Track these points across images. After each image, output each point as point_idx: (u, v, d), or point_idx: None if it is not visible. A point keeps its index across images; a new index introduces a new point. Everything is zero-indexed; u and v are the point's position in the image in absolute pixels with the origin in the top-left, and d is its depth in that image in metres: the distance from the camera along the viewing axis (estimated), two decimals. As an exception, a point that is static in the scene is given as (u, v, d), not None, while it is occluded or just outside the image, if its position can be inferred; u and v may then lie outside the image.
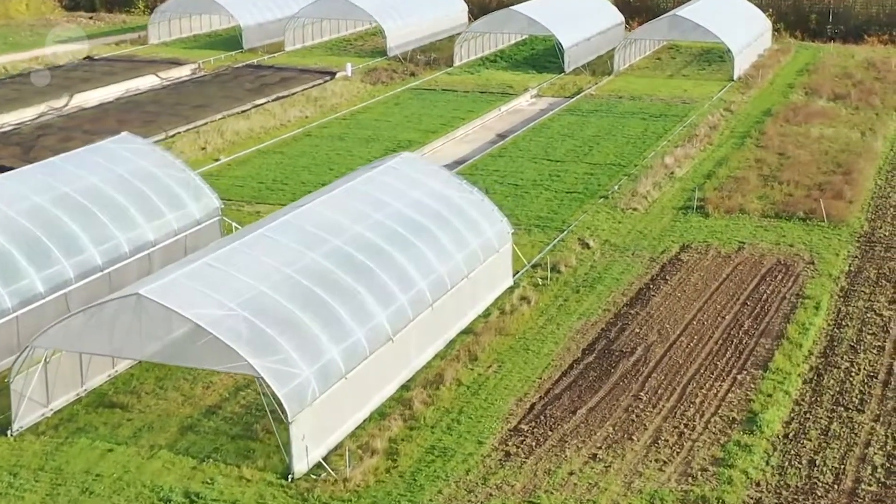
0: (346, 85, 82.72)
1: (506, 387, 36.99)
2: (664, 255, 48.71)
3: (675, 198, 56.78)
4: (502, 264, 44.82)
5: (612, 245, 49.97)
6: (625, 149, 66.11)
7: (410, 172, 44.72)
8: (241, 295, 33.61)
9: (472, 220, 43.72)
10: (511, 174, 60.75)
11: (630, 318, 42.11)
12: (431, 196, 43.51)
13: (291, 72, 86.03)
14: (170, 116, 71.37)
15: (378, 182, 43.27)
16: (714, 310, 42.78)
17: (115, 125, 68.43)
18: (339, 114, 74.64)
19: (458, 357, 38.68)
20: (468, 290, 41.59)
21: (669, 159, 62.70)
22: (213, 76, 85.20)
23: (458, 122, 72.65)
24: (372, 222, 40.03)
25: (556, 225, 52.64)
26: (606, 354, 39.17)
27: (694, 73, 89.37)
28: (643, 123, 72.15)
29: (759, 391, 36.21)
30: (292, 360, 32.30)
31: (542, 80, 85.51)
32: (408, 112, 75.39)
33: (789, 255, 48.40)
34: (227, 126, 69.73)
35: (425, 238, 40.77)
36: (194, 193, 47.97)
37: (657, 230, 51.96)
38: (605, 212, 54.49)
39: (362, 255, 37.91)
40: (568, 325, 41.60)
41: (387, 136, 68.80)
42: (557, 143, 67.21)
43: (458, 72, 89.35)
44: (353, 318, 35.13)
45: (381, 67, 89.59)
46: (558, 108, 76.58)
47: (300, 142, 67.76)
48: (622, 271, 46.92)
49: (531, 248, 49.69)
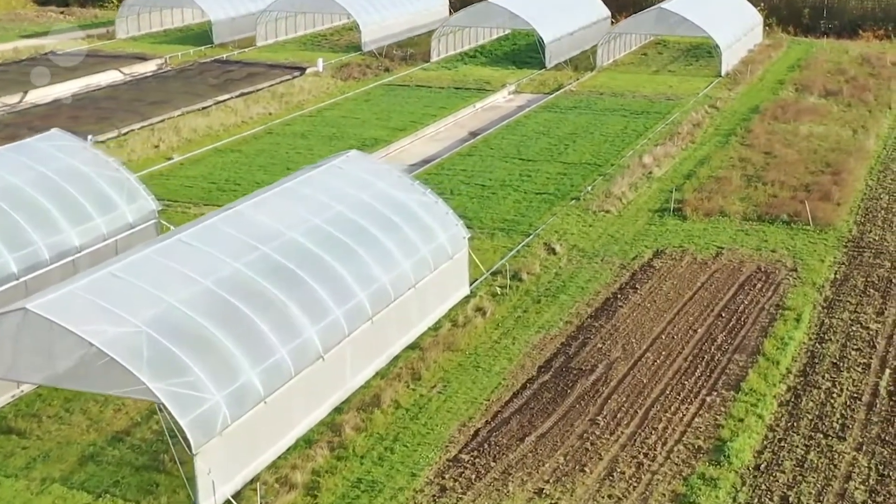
0: (316, 81, 79.21)
1: (449, 410, 33.39)
2: (635, 262, 45.14)
3: (652, 199, 53.20)
4: (457, 272, 41.23)
5: (581, 250, 46.39)
6: (602, 147, 62.54)
7: (357, 172, 41.12)
8: (146, 309, 30.01)
9: (424, 224, 40.13)
10: (479, 174, 57.19)
11: (593, 331, 38.53)
12: (379, 198, 39.91)
13: (259, 67, 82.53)
14: (126, 113, 67.86)
15: (319, 183, 39.67)
16: (685, 322, 39.19)
17: (67, 122, 65.12)
18: (305, 111, 71.14)
19: (399, 376, 35.12)
20: (416, 300, 38.01)
21: (648, 158, 59.16)
22: (178, 72, 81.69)
23: (429, 119, 69.10)
24: (308, 227, 36.44)
25: (522, 229, 49.07)
26: (564, 373, 35.58)
27: (680, 69, 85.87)
28: (623, 121, 68.60)
29: (730, 415, 32.63)
30: (200, 383, 28.71)
31: (522, 76, 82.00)
32: (377, 109, 71.85)
33: (770, 262, 44.83)
34: (185, 123, 66.25)
35: (368, 244, 37.18)
36: (128, 195, 44.38)
37: (630, 234, 48.38)
38: (576, 214, 50.92)
39: (294, 263, 34.31)
40: (524, 340, 38.02)
41: (352, 134, 65.26)
42: (531, 141, 63.65)
43: (434, 67, 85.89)
44: (277, 334, 31.53)
45: (354, 63, 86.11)
46: (535, 105, 73.07)
47: (260, 140, 64.22)
48: (589, 279, 43.34)
49: (493, 253, 46.13)
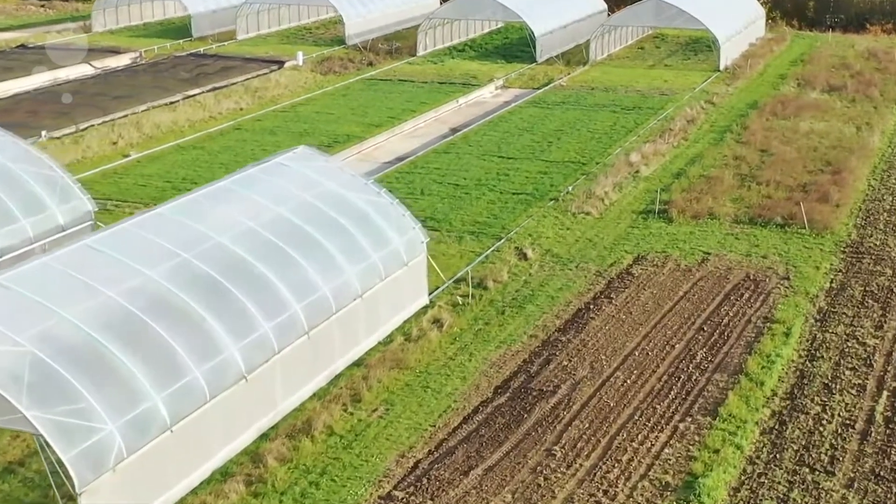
0: (294, 75, 75.56)
1: (388, 437, 29.65)
2: (613, 268, 41.36)
3: (637, 200, 49.42)
4: (414, 280, 37.53)
5: (555, 256, 42.62)
6: (588, 145, 58.78)
7: (303, 171, 37.42)
8: (34, 325, 26.35)
9: (375, 227, 36.44)
10: (453, 172, 53.46)
11: (560, 346, 34.78)
12: (325, 199, 36.22)
13: (236, 61, 78.98)
14: (87, 108, 64.33)
15: (258, 182, 35.98)
16: (663, 337, 35.41)
17: (24, 117, 61.93)
18: (278, 106, 67.51)
19: (338, 397, 31.40)
20: (363, 312, 34.30)
21: (636, 156, 55.39)
22: (150, 66, 78.09)
23: (408, 115, 65.43)
24: (239, 231, 32.73)
25: (493, 231, 45.33)
26: (522, 394, 31.82)
27: (677, 63, 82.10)
28: (613, 117, 64.81)
29: (705, 445, 28.84)
30: (91, 411, 25.03)
31: (511, 71, 78.27)
32: (354, 104, 68.18)
33: (760, 269, 41.02)
34: (149, 119, 62.68)
35: (308, 250, 33.51)
36: (61, 195, 40.84)
37: (610, 238, 44.60)
38: (554, 216, 47.16)
39: (218, 272, 30.61)
40: (482, 356, 34.27)
41: (324, 130, 61.60)
42: (513, 138, 59.89)
43: (420, 61, 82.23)
44: (190, 352, 27.85)
45: (336, 57, 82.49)
46: (522, 101, 69.25)
47: (226, 136, 60.58)
48: (560, 288, 39.57)
49: (459, 258, 42.40)
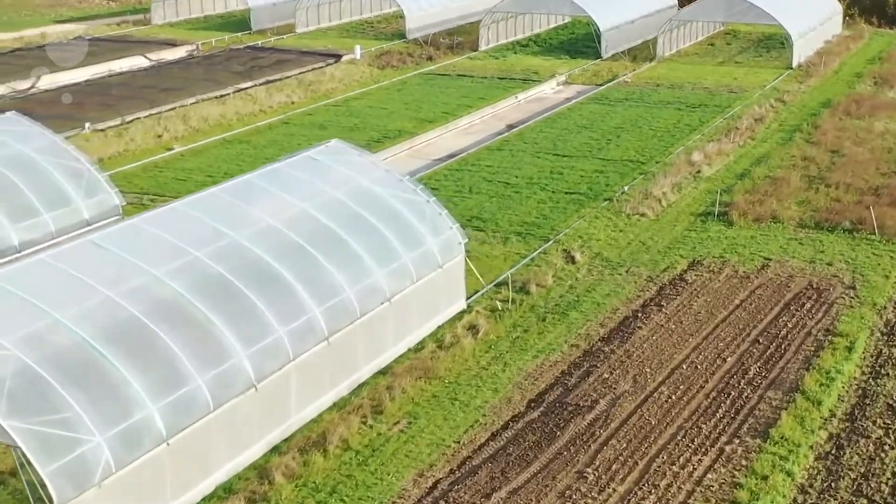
0: (350, 69, 73.64)
1: (408, 453, 27.42)
2: (666, 274, 38.80)
3: (696, 202, 46.75)
4: (450, 283, 35.29)
5: (604, 259, 40.14)
6: (648, 143, 56.12)
7: (334, 165, 35.31)
8: (23, 327, 24.50)
9: (409, 226, 34.26)
10: (505, 170, 51.13)
11: (602, 357, 32.33)
12: (355, 195, 34.09)
13: (292, 54, 77.26)
14: (135, 100, 62.88)
15: (285, 176, 33.93)
16: (714, 349, 32.82)
17: (70, 109, 60.51)
18: (331, 100, 65.59)
19: (359, 408, 29.22)
20: (391, 317, 32.13)
21: (698, 156, 52.69)
22: (204, 58, 76.57)
23: (463, 110, 63.18)
24: (258, 229, 30.70)
25: (542, 233, 42.94)
26: (557, 409, 29.43)
27: (748, 60, 78.99)
28: (677, 114, 62.07)
29: (752, 471, 26.27)
30: (77, 421, 23.10)
31: (574, 67, 75.73)
32: (409, 99, 66.09)
33: (825, 277, 38.24)
34: (197, 112, 61.06)
35: (333, 250, 31.41)
36: (87, 188, 39.16)
37: (665, 241, 42.02)
38: (607, 217, 44.66)
39: (231, 272, 28.58)
40: (518, 367, 31.92)
41: (375, 125, 59.55)
42: (571, 135, 57.44)
43: (482, 56, 79.96)
44: (193, 359, 25.83)
45: (395, 51, 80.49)
46: (583, 97, 66.71)
47: (274, 130, 58.76)
48: (608, 294, 37.10)
49: (503, 261, 40.10)
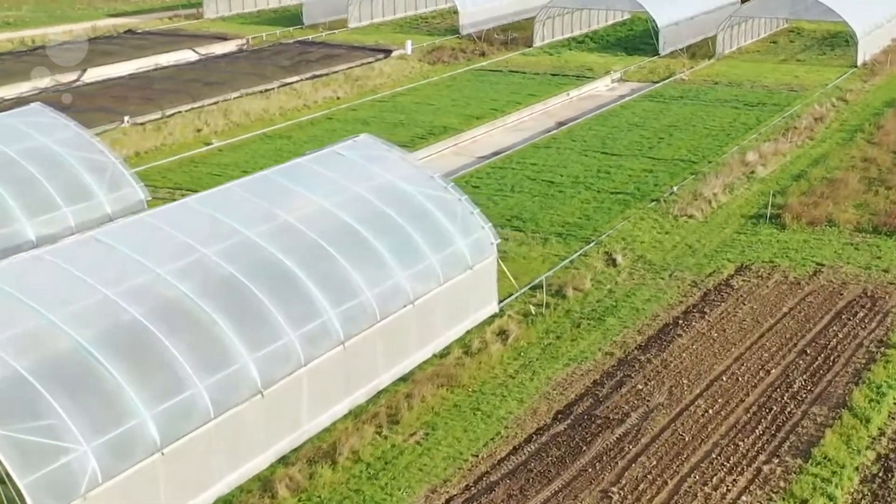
0: (400, 64, 72.13)
1: (422, 467, 25.77)
2: (712, 279, 36.82)
3: (749, 203, 44.67)
4: (480, 286, 33.61)
5: (647, 263, 38.24)
6: (702, 142, 54.04)
7: (360, 160, 33.76)
8: (11, 327, 23.17)
9: (437, 225, 32.63)
10: (550, 169, 49.32)
11: (637, 367, 30.46)
12: (381, 192, 32.51)
13: (341, 49, 75.90)
14: (178, 94, 61.75)
15: (307, 172, 32.47)
16: (758, 360, 30.84)
17: (109, 102, 59.46)
18: (378, 95, 64.08)
19: (375, 417, 27.61)
20: (414, 321, 30.51)
21: (752, 156, 50.54)
22: (252, 52, 75.48)
23: (512, 107, 61.42)
24: (273, 227, 29.21)
25: (583, 234, 41.12)
26: (586, 422, 27.64)
27: (812, 58, 76.40)
28: (734, 113, 59.86)
29: (791, 493, 24.34)
30: (63, 429, 21.72)
31: (630, 64, 73.61)
32: (458, 95, 64.43)
33: (881, 285, 36.08)
34: (239, 106, 59.85)
35: (352, 249, 29.86)
36: (110, 182, 37.99)
37: (712, 244, 40.04)
38: (653, 219, 42.72)
39: (240, 271, 27.10)
40: (547, 375, 30.15)
41: (420, 121, 57.98)
42: (621, 133, 55.47)
43: (536, 52, 78.09)
44: (194, 364, 24.38)
45: (448, 46, 78.87)
46: (637, 94, 64.68)
47: (317, 126, 57.36)
48: (648, 299, 35.21)
49: (541, 263, 38.34)
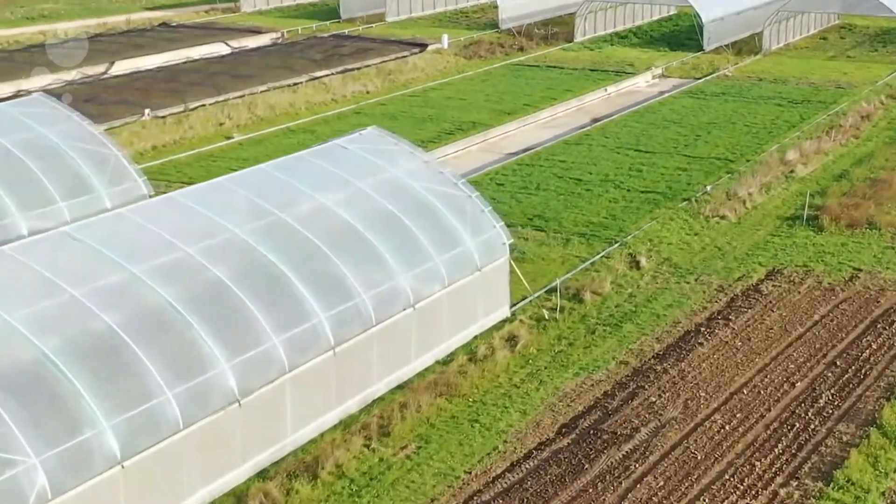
0: (434, 59, 70.34)
1: (409, 484, 23.92)
2: (740, 283, 34.70)
3: (785, 204, 42.45)
4: (490, 289, 31.72)
5: (673, 266, 36.18)
6: (741, 140, 51.80)
7: (365, 155, 31.97)
8: (-37, 329, 21.51)
9: (443, 224, 30.82)
10: (579, 166, 47.31)
11: (652, 377, 28.45)
12: (384, 188, 30.73)
13: (375, 43, 74.27)
14: (203, 87, 60.38)
15: (306, 166, 30.77)
16: (783, 371, 28.72)
17: (132, 95, 58.18)
18: (410, 90, 62.32)
19: (365, 428, 25.78)
20: (415, 325, 28.70)
21: (793, 154, 48.24)
22: (286, 45, 74.06)
23: (546, 103, 59.46)
24: (263, 224, 27.52)
25: (608, 234, 39.11)
26: (591, 437, 25.68)
27: (862, 55, 73.81)
28: (776, 110, 57.52)
29: (808, 521, 22.21)
30: (10, 438, 20.03)
31: (673, 59, 71.28)
32: (491, 90, 62.53)
33: (921, 292, 33.80)
34: (265, 100, 58.34)
35: (349, 249, 28.12)
36: (112, 176, 36.43)
37: (744, 247, 37.89)
38: (683, 219, 40.62)
39: (224, 271, 25.38)
40: (555, 385, 28.20)
41: (450, 117, 56.16)
42: (657, 130, 53.33)
43: (576, 48, 75.97)
44: (164, 371, 22.67)
45: (486, 41, 76.95)
46: (677, 90, 62.46)
47: (343, 120, 55.63)
48: (670, 304, 33.16)
49: (560, 264, 36.40)
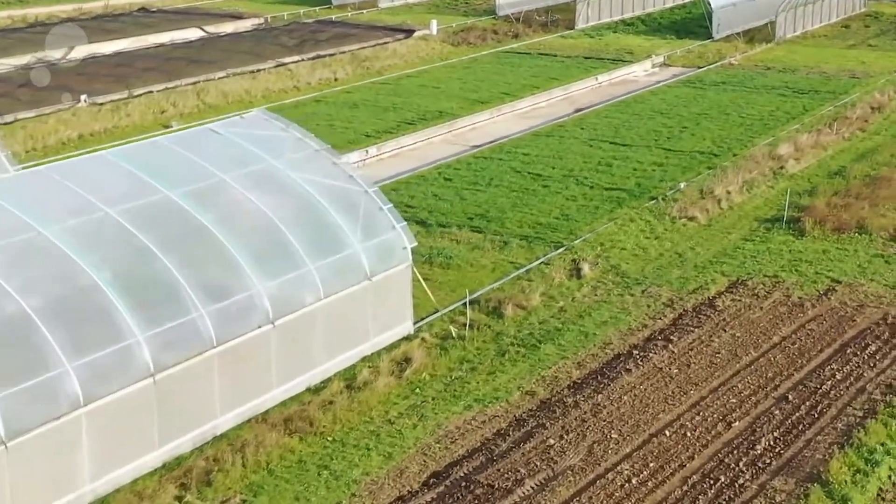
0: (418, 45, 65.46)
1: (214, 554, 18.94)
2: (694, 296, 29.52)
3: (767, 204, 37.23)
4: (387, 300, 26.77)
5: (620, 274, 31.05)
6: (731, 132, 46.52)
7: (240, 141, 27.10)
8: None
9: (324, 224, 25.97)
10: (543, 160, 42.27)
11: (559, 413, 23.37)
12: (255, 181, 25.87)
13: (359, 29, 69.70)
14: (155, 73, 55.85)
15: (162, 153, 25.92)
16: (721, 408, 23.57)
17: (75, 81, 53.79)
18: (382, 77, 57.50)
19: (186, 474, 20.87)
20: (276, 345, 23.78)
21: (787, 149, 42.96)
22: (262, 31, 69.58)
23: (527, 91, 54.26)
24: (79, 222, 22.65)
25: (556, 237, 34.07)
26: (461, 490, 20.64)
27: (885, 44, 68.25)
28: (778, 100, 52.16)
29: None
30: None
31: (678, 47, 65.88)
32: (471, 78, 57.58)
33: (907, 309, 28.46)
34: (219, 87, 53.80)
35: (194, 254, 23.28)
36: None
37: (708, 253, 32.72)
38: (645, 220, 35.50)
39: (11, 285, 20.47)
40: (437, 421, 23.20)
41: (415, 106, 51.24)
42: (641, 121, 48.16)
43: (576, 35, 70.85)
44: None
45: (479, 27, 72.00)
46: (675, 80, 57.20)
47: (300, 109, 50.87)
48: (605, 321, 28.04)
49: (491, 271, 31.44)
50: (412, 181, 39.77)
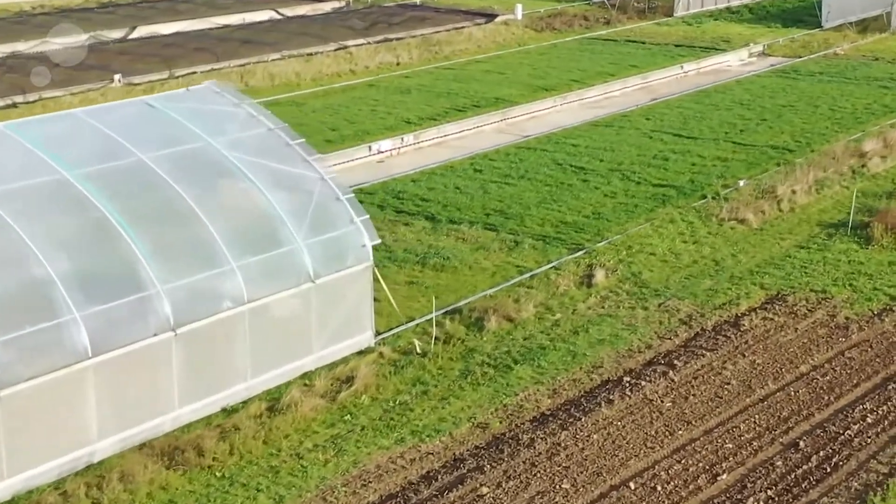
0: (497, 30, 61.32)
1: None
2: (720, 312, 24.86)
3: (836, 207, 32.23)
4: (337, 308, 22.73)
5: (639, 284, 26.52)
6: (815, 126, 41.39)
7: (177, 116, 23.31)
8: None
9: (261, 216, 21.92)
10: (591, 152, 37.83)
11: (509, 452, 19.02)
12: (183, 163, 22.17)
13: (438, 13, 65.78)
14: (206, 54, 52.65)
15: (72, 127, 22.20)
16: (710, 455, 19.01)
17: (120, 61, 51.21)
18: (449, 62, 53.51)
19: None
20: (182, 358, 19.93)
21: (874, 145, 37.84)
22: (338, 14, 66.08)
23: (600, 79, 49.70)
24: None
25: (578, 238, 29.74)
26: (354, 551, 16.42)
27: None
28: (878, 93, 46.73)
29: None
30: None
31: (781, 36, 60.45)
32: (543, 65, 53.25)
33: (975, 337, 23.36)
34: (269, 69, 50.50)
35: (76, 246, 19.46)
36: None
37: (752, 262, 27.99)
38: (687, 222, 30.85)
39: None
40: (357, 457, 19.09)
41: (472, 92, 47.13)
42: (716, 112, 43.37)
43: (673, 22, 65.84)
44: None
45: (570, 13, 67.41)
46: (769, 69, 52.07)
47: (348, 93, 47.28)
48: (602, 339, 23.59)
49: (491, 276, 27.18)
50: (437, 172, 35.72)
